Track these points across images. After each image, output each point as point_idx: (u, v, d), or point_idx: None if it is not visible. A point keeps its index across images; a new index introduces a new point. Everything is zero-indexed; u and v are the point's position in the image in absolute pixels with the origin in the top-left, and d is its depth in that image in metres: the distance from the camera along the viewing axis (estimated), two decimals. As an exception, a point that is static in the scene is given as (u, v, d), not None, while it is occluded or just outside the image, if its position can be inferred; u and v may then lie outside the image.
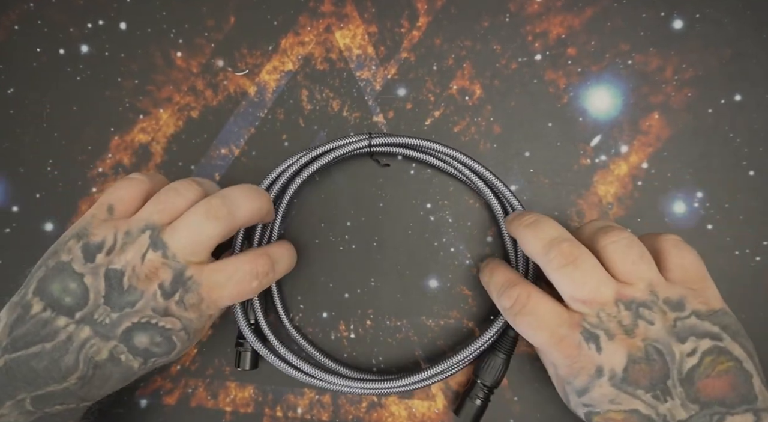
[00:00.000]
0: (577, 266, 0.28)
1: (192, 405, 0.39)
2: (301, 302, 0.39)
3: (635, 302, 0.28)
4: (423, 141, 0.36)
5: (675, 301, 0.28)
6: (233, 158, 0.40)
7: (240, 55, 0.40)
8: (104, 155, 0.40)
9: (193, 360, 0.39)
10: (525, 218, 0.32)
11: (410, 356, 0.38)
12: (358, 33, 0.39)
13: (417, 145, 0.36)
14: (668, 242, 0.30)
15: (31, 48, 0.41)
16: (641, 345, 0.28)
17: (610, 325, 0.28)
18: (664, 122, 0.38)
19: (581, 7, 0.38)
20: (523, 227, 0.31)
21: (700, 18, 0.38)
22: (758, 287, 0.37)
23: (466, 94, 0.39)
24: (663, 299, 0.28)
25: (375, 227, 0.39)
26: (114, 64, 0.40)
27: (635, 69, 0.38)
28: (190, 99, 0.40)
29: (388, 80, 0.39)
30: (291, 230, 0.39)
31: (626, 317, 0.28)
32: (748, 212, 0.37)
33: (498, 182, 0.36)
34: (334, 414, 0.39)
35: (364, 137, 0.36)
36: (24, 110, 0.41)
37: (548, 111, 0.38)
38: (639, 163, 0.38)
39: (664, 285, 0.29)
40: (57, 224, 0.40)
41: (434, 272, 0.38)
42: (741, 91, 0.37)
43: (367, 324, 0.39)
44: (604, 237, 0.29)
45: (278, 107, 0.40)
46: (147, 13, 0.40)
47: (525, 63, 0.39)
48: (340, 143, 0.36)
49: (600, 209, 0.38)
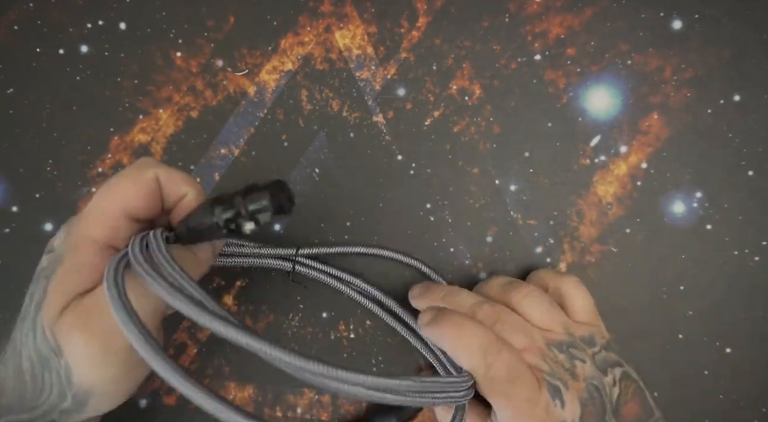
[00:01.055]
0: (504, 322, 0.30)
1: (192, 405, 0.39)
2: (301, 303, 0.39)
3: (563, 343, 0.29)
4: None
5: (587, 338, 0.30)
6: (233, 158, 0.40)
7: (240, 55, 0.40)
8: (104, 155, 0.40)
9: (193, 360, 0.39)
10: (436, 291, 0.33)
11: (410, 356, 0.38)
12: (358, 33, 0.39)
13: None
14: (570, 285, 0.33)
15: (31, 48, 0.41)
16: (583, 385, 0.28)
17: (560, 372, 0.28)
18: (664, 122, 0.38)
19: (581, 7, 0.38)
20: (440, 299, 0.33)
21: (699, 18, 0.38)
22: (758, 287, 0.37)
23: (465, 94, 0.39)
24: (579, 338, 0.30)
25: (375, 227, 0.39)
26: (114, 64, 0.40)
27: (635, 69, 0.38)
28: (189, 99, 0.40)
29: (387, 80, 0.39)
30: (291, 230, 0.39)
31: (563, 360, 0.29)
32: (748, 212, 0.37)
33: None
34: (334, 414, 0.39)
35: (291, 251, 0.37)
36: (24, 110, 0.41)
37: (548, 111, 0.38)
38: (638, 163, 0.38)
39: (575, 326, 0.31)
40: (57, 224, 0.40)
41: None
42: (740, 92, 0.37)
43: (367, 323, 0.39)
44: (516, 293, 0.31)
45: (278, 107, 0.40)
46: (147, 13, 0.40)
47: (525, 63, 0.39)
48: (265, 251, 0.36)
49: (600, 209, 0.38)
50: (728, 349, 0.37)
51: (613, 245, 0.38)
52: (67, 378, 0.24)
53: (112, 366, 0.24)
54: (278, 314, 0.39)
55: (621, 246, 0.38)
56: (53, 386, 0.24)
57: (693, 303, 0.38)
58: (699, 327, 0.37)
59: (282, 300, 0.39)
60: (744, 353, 0.37)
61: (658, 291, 0.38)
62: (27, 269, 0.31)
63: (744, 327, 0.37)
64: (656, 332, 0.38)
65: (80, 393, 0.24)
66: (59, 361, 0.24)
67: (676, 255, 0.38)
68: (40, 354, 0.24)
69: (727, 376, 0.37)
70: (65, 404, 0.24)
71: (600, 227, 0.38)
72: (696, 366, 0.38)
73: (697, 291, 0.38)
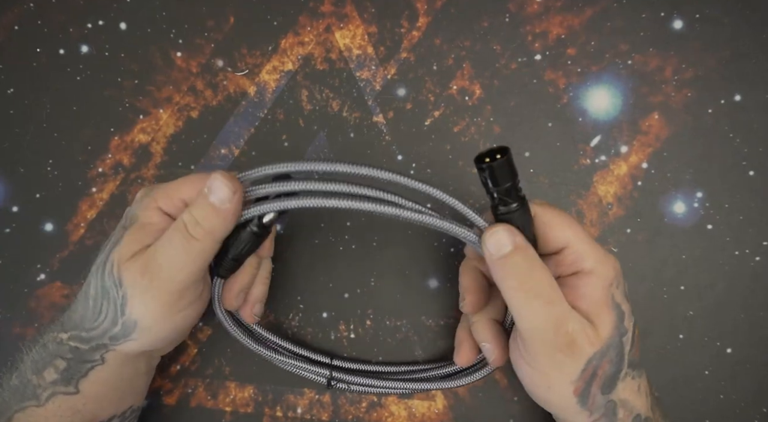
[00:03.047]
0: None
1: (192, 405, 0.39)
2: (301, 302, 0.39)
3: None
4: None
5: None
6: (233, 158, 0.40)
7: (240, 55, 0.40)
8: (104, 155, 0.40)
9: (193, 360, 0.39)
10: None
11: (410, 356, 0.38)
12: (358, 33, 0.39)
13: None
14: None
15: (31, 48, 0.41)
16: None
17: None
18: (664, 122, 0.38)
19: (581, 7, 0.38)
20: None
21: (699, 18, 0.38)
22: (758, 287, 0.37)
23: (465, 94, 0.39)
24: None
25: (375, 227, 0.39)
26: (114, 64, 0.40)
27: (635, 69, 0.38)
28: (189, 99, 0.40)
29: (387, 80, 0.39)
30: (291, 230, 0.39)
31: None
32: (748, 212, 0.37)
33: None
34: (334, 414, 0.39)
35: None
36: (24, 110, 0.41)
37: (548, 111, 0.38)
38: (639, 163, 0.38)
39: None
40: (57, 224, 0.40)
41: (434, 272, 0.38)
42: (741, 92, 0.37)
43: (367, 323, 0.39)
44: None
45: (278, 107, 0.40)
46: (147, 13, 0.40)
47: (525, 63, 0.39)
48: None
49: (600, 209, 0.38)
50: (728, 349, 0.37)
51: (613, 245, 0.38)
52: (122, 307, 0.30)
53: (158, 304, 0.30)
54: (278, 314, 0.39)
55: (621, 246, 0.38)
56: (108, 313, 0.30)
57: (693, 303, 0.38)
58: (699, 327, 0.37)
59: (282, 300, 0.39)
60: (744, 353, 0.37)
61: (658, 291, 0.38)
62: (27, 269, 0.31)
63: (744, 326, 0.37)
64: (656, 332, 0.38)
65: (129, 322, 0.30)
66: (118, 292, 0.30)
67: (676, 255, 0.38)
68: (103, 285, 0.30)
69: (727, 376, 0.37)
70: (115, 329, 0.30)
71: (600, 227, 0.38)
72: (696, 366, 0.37)
73: (697, 291, 0.38)
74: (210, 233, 0.29)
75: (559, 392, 0.29)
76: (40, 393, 0.31)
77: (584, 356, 0.28)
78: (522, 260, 0.27)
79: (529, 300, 0.27)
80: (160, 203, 0.31)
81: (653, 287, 0.38)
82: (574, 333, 0.27)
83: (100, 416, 0.32)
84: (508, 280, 0.27)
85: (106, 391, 0.32)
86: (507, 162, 0.26)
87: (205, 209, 0.29)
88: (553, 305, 0.27)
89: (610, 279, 0.28)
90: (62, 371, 0.31)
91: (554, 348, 0.27)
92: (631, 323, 0.29)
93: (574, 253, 0.29)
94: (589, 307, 0.28)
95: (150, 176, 0.40)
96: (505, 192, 0.27)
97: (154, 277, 0.29)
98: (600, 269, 0.28)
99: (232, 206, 0.29)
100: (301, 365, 0.36)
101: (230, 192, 0.29)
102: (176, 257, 0.29)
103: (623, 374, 0.29)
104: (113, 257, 0.30)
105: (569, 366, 0.28)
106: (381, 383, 0.36)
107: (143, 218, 0.31)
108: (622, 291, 0.29)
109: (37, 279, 0.39)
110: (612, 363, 0.28)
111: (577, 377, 0.28)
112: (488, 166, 0.26)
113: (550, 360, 0.28)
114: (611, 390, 0.29)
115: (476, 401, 0.38)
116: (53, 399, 0.31)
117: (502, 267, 0.27)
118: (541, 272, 0.27)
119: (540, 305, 0.27)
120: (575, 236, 0.29)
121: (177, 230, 0.29)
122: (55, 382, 0.31)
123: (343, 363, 0.37)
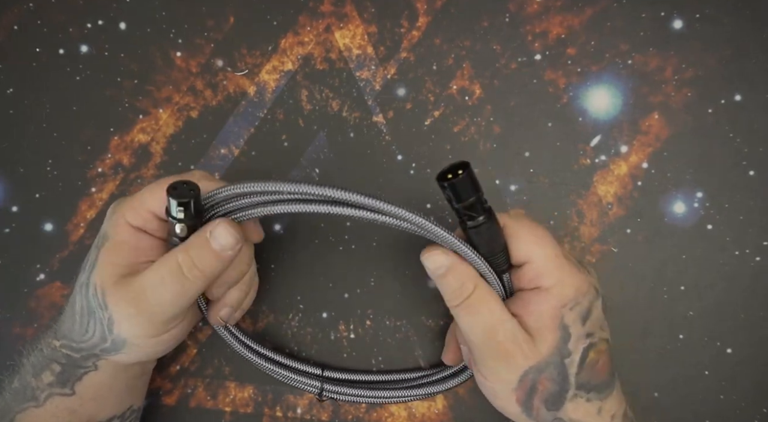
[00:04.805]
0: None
1: (191, 406, 0.39)
2: (301, 302, 0.39)
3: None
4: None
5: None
6: (233, 158, 0.40)
7: (239, 55, 0.40)
8: (104, 155, 0.40)
9: (193, 360, 0.39)
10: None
11: (410, 356, 0.38)
12: (358, 33, 0.39)
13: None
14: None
15: (31, 48, 0.41)
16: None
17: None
18: (664, 121, 0.38)
19: (581, 7, 0.38)
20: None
21: (700, 18, 0.38)
22: (758, 287, 0.37)
23: (465, 94, 0.39)
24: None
25: (375, 227, 0.39)
26: (114, 64, 0.40)
27: (635, 69, 0.38)
28: (189, 99, 0.40)
29: (387, 80, 0.39)
30: (291, 230, 0.39)
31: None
32: (748, 212, 0.37)
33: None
34: (333, 414, 0.39)
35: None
36: (24, 110, 0.41)
37: (548, 111, 0.38)
38: (639, 163, 0.38)
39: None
40: (56, 224, 0.40)
41: (434, 272, 0.38)
42: (741, 91, 0.37)
43: (367, 323, 0.39)
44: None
45: (278, 107, 0.40)
46: (147, 13, 0.40)
47: (525, 63, 0.39)
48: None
49: (600, 209, 0.38)
50: (728, 349, 0.37)
51: (613, 245, 0.38)
52: (109, 327, 0.30)
53: (147, 329, 0.30)
54: (278, 314, 0.39)
55: (621, 246, 0.38)
56: (96, 330, 0.30)
57: (693, 303, 0.38)
58: (699, 327, 0.37)
59: (282, 300, 0.39)
60: (744, 353, 0.37)
61: (658, 291, 0.38)
62: (27, 269, 0.31)
63: (744, 326, 0.37)
64: (656, 332, 0.38)
65: (118, 339, 0.30)
66: (104, 314, 0.30)
67: (676, 255, 0.38)
68: (89, 305, 0.30)
69: (727, 376, 0.37)
70: (105, 345, 0.30)
71: (600, 227, 0.38)
72: (696, 366, 0.37)
73: (697, 291, 0.38)
74: (206, 276, 0.30)
75: (505, 399, 0.30)
76: (38, 394, 0.31)
77: (519, 367, 0.29)
78: (453, 280, 0.29)
79: (460, 311, 0.30)
80: (128, 218, 0.31)
81: (653, 287, 0.38)
82: (505, 342, 0.29)
83: (99, 416, 0.33)
84: (445, 295, 0.30)
85: (103, 393, 0.32)
86: (468, 177, 0.27)
87: (205, 254, 0.29)
88: (480, 316, 0.29)
89: (564, 301, 0.29)
90: (58, 374, 0.31)
91: (487, 356, 0.30)
92: (581, 346, 0.29)
93: (534, 270, 0.30)
94: (535, 323, 0.29)
95: (150, 176, 0.40)
96: (470, 207, 0.28)
97: (142, 310, 0.29)
98: (557, 289, 0.29)
99: (234, 253, 0.30)
100: (293, 376, 0.36)
101: (235, 241, 0.30)
102: (167, 296, 0.29)
103: (570, 394, 0.29)
104: (95, 281, 0.30)
105: (504, 374, 0.29)
106: (372, 393, 0.36)
107: (114, 235, 0.31)
108: (579, 314, 0.29)
109: (37, 279, 0.40)
110: (553, 382, 0.29)
111: (515, 386, 0.29)
112: (449, 184, 0.27)
113: (486, 367, 0.30)
114: (557, 407, 0.29)
115: (476, 401, 0.38)
116: (51, 400, 0.31)
117: (438, 284, 0.30)
118: (471, 287, 0.29)
119: (468, 315, 0.29)
120: (539, 253, 0.29)
121: (171, 272, 0.29)
122: (51, 384, 0.31)
123: (334, 373, 0.37)
